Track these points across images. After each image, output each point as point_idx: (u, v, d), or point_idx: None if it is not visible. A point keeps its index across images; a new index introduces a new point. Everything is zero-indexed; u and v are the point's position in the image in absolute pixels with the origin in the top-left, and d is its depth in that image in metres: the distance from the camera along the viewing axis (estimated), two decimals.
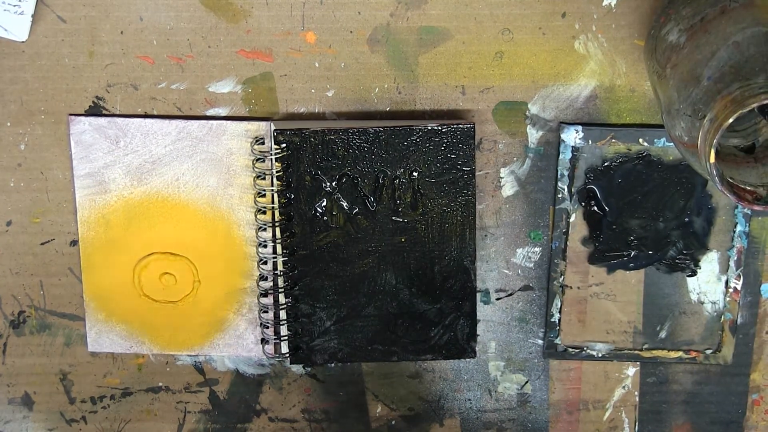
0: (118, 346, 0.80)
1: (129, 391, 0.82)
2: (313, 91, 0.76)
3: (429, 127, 0.74)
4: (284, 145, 0.74)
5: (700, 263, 0.79)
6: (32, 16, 0.73)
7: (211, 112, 0.76)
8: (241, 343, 0.80)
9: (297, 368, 0.81)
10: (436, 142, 0.74)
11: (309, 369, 0.81)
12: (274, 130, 0.74)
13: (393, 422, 0.83)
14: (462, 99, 0.76)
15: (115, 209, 0.77)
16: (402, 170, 0.75)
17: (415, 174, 0.75)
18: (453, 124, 0.74)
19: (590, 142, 0.76)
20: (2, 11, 0.72)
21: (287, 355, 0.79)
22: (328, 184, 0.75)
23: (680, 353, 0.81)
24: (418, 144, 0.74)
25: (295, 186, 0.75)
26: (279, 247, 0.77)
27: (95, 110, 0.76)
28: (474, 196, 0.76)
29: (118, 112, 0.76)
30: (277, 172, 0.75)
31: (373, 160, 0.75)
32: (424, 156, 0.75)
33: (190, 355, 0.81)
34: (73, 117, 0.75)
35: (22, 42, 0.73)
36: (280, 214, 0.76)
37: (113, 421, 0.82)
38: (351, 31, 0.74)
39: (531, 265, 0.79)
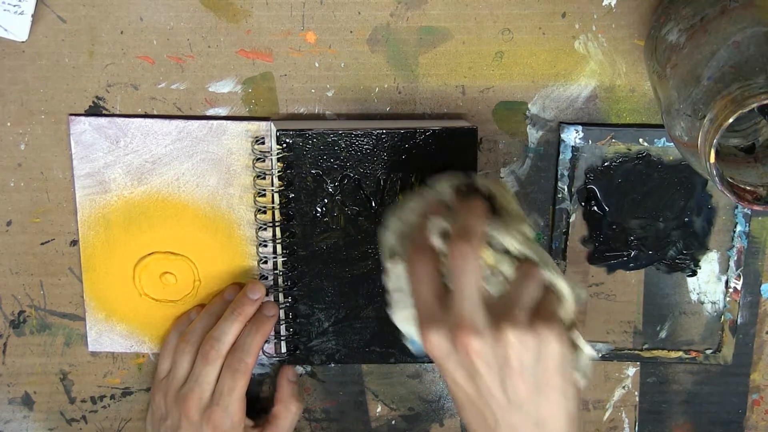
0: (118, 345, 0.80)
1: (129, 391, 0.82)
2: (313, 91, 0.76)
3: (432, 130, 0.74)
4: (286, 145, 0.74)
5: (700, 263, 0.79)
6: (32, 16, 0.73)
7: (211, 112, 0.76)
8: None
9: (297, 368, 0.81)
10: (438, 145, 0.74)
11: (309, 368, 0.81)
12: (277, 130, 0.74)
13: (393, 422, 0.83)
14: (462, 99, 0.76)
15: (115, 209, 0.77)
16: (404, 172, 0.75)
17: (416, 176, 0.75)
18: (456, 127, 0.74)
19: (590, 142, 0.76)
20: (2, 11, 0.72)
21: (286, 354, 0.79)
22: (330, 185, 0.75)
23: (680, 353, 0.81)
24: (421, 146, 0.74)
25: (296, 186, 0.75)
26: (279, 247, 0.77)
27: (95, 110, 0.76)
28: None
29: (118, 112, 0.76)
30: (278, 172, 0.75)
31: (375, 162, 0.75)
32: (427, 158, 0.74)
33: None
34: (73, 117, 0.75)
35: (22, 42, 0.73)
36: (281, 214, 0.76)
37: (113, 420, 0.82)
38: (351, 31, 0.74)
39: None
